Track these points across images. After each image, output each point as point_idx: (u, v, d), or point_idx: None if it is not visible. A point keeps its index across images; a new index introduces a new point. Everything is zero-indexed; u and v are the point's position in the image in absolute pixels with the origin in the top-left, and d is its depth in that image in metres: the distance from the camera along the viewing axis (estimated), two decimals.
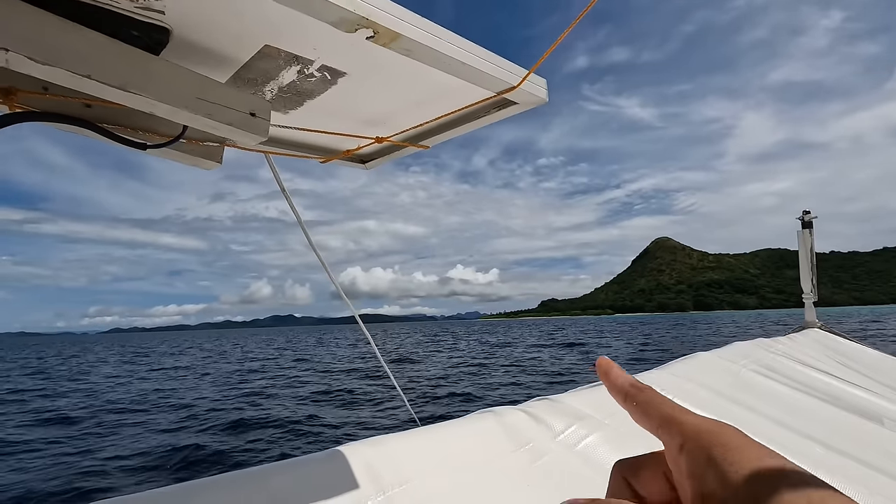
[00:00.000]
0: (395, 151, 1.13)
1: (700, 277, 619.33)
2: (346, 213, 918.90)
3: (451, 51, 0.71)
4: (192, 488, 0.65)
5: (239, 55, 0.74)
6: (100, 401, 11.92)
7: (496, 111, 0.92)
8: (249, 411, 9.39)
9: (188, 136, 0.81)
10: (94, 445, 7.26)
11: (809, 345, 2.25)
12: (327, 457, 0.77)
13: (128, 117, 0.76)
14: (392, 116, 0.97)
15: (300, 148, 1.13)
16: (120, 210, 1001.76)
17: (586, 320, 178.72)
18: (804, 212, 2.55)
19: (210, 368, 19.60)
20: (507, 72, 0.80)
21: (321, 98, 0.88)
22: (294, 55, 0.74)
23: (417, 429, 0.95)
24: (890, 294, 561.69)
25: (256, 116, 0.74)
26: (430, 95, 0.87)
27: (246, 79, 0.81)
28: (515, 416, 1.10)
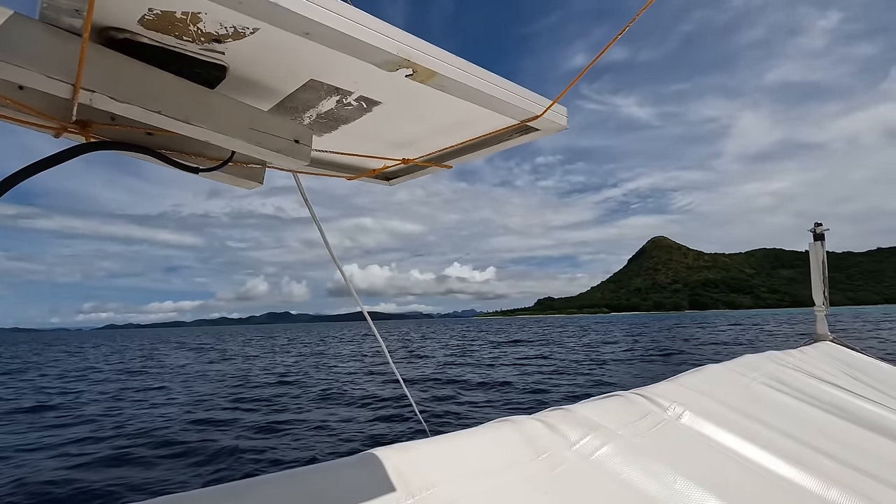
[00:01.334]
0: (418, 171, 1.19)
1: (696, 277, 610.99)
2: (343, 210, 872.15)
3: (481, 85, 0.77)
4: (234, 489, 0.70)
5: (285, 88, 0.80)
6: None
7: (518, 136, 0.97)
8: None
9: (235, 160, 0.88)
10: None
11: (821, 358, 2.26)
12: (358, 461, 0.83)
13: (182, 143, 0.83)
14: (419, 140, 1.03)
15: (329, 167, 1.19)
16: (115, 206, 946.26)
17: (589, 318, 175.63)
18: (816, 224, 2.56)
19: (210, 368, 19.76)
20: (533, 102, 0.86)
21: (355, 124, 0.95)
22: (336, 87, 0.80)
23: (439, 436, 1.00)
24: (883, 294, 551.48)
25: (300, 143, 0.80)
26: (457, 122, 0.93)
27: (288, 107, 0.87)
28: (532, 426, 1.14)
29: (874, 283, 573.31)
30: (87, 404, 10.55)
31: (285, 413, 9.47)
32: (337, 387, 12.57)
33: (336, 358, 22.26)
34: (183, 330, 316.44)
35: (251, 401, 11.10)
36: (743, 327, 37.31)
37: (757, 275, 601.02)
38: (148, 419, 8.95)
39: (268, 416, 9.47)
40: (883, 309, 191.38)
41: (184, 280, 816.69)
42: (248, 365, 19.19)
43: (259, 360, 21.76)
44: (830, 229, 2.64)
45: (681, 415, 1.37)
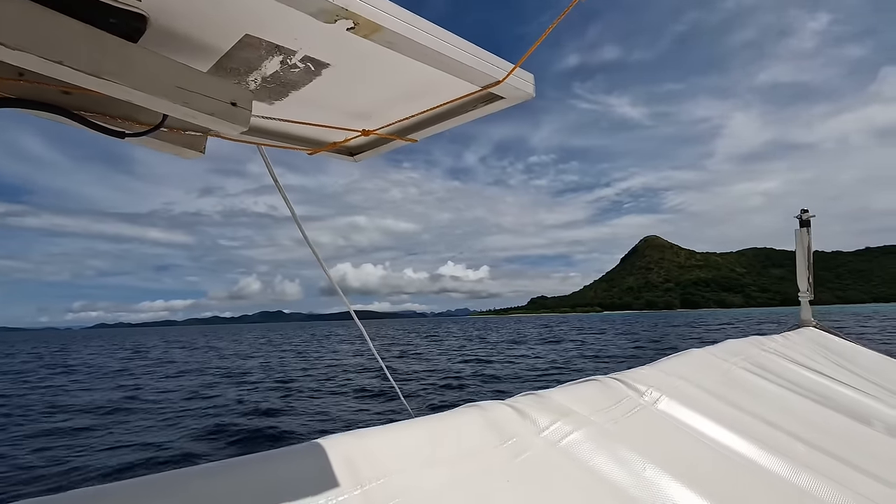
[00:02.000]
0: (382, 144, 1.12)
1: (687, 276, 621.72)
2: (337, 208, 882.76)
3: (434, 44, 0.70)
4: (165, 480, 0.65)
5: (220, 44, 0.73)
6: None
7: (483, 105, 0.91)
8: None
9: (169, 126, 0.81)
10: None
11: (804, 343, 2.25)
12: (306, 449, 0.77)
13: (107, 105, 0.75)
14: (378, 109, 0.96)
15: (287, 139, 1.12)
16: (105, 204, 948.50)
17: (584, 317, 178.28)
18: (802, 210, 2.54)
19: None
20: (493, 66, 0.79)
21: (306, 89, 0.87)
22: (276, 45, 0.73)
23: (400, 422, 0.95)
24: (871, 293, 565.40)
25: (237, 106, 0.73)
26: (415, 89, 0.86)
27: (228, 68, 0.80)
28: (501, 411, 1.10)
29: (862, 283, 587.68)
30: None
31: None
32: (325, 379, 12.56)
33: (326, 353, 22.32)
34: (176, 329, 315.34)
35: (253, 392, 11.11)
36: (735, 326, 37.97)
37: (748, 274, 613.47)
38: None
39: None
40: (872, 308, 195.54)
41: (175, 279, 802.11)
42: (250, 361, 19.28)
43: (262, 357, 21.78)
44: (819, 229, 2.63)
45: (657, 400, 1.34)
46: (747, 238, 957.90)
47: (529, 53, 0.79)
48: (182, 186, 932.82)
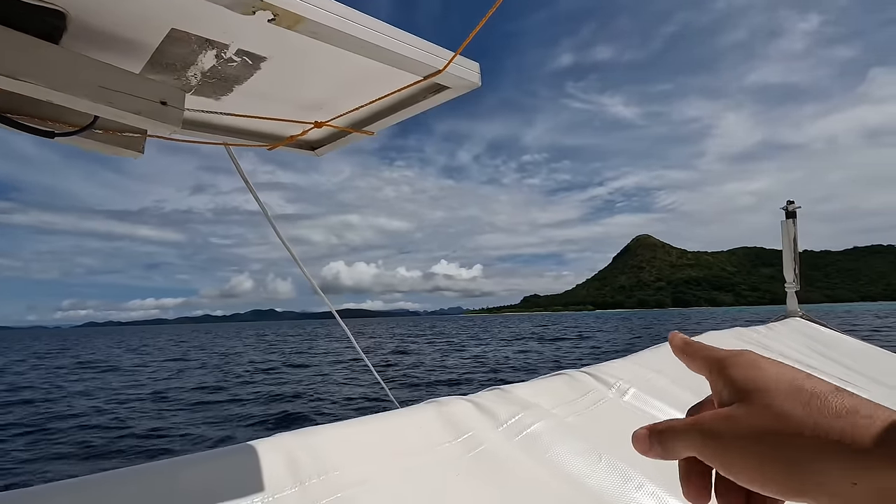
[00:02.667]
0: (340, 138, 1.11)
1: (679, 275, 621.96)
2: (329, 206, 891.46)
3: (363, 34, 0.69)
4: (91, 482, 0.65)
5: (148, 40, 0.71)
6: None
7: (431, 95, 0.89)
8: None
9: (104, 126, 0.80)
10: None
11: (788, 334, 2.23)
12: (246, 448, 0.77)
13: (36, 106, 0.74)
14: (328, 101, 0.94)
15: (245, 135, 1.11)
16: (95, 201, 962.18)
17: (577, 316, 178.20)
18: (788, 202, 2.51)
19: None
20: (432, 55, 0.77)
21: (249, 83, 0.86)
22: (206, 39, 0.72)
23: (352, 419, 0.95)
24: (859, 292, 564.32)
25: (168, 105, 0.72)
26: (358, 79, 0.85)
27: (163, 64, 0.78)
28: (460, 406, 1.09)
29: (850, 282, 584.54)
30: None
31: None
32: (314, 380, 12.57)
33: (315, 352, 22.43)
34: (168, 327, 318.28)
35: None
36: (727, 323, 37.87)
37: (738, 273, 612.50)
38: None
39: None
40: (859, 306, 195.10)
41: (166, 277, 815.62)
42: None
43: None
44: (809, 228, 2.61)
45: (625, 392, 1.33)
46: (738, 237, 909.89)
47: (469, 41, 0.76)
48: (173, 184, 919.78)
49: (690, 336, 1.91)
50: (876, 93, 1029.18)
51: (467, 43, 0.76)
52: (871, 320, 28.97)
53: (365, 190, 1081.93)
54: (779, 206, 2.43)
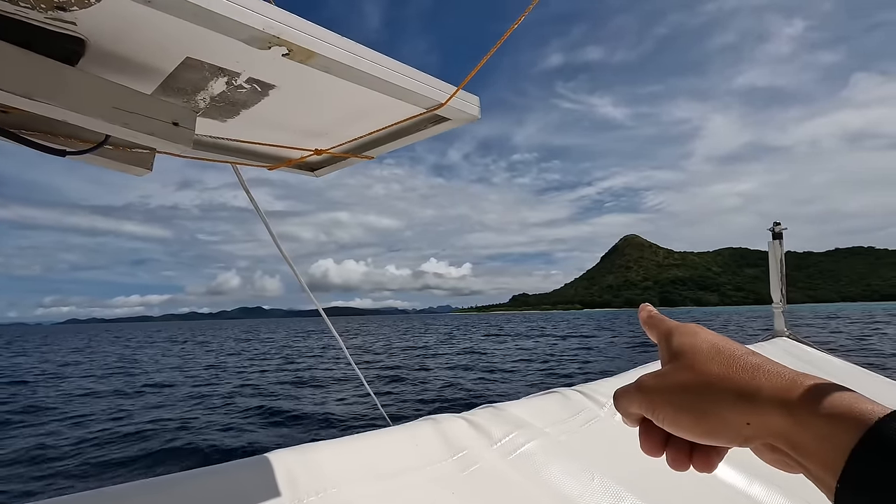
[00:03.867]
0: (340, 161, 1.14)
1: (666, 274, 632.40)
2: (318, 204, 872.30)
3: (371, 69, 0.73)
4: (97, 496, 0.65)
5: (163, 66, 0.74)
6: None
7: (431, 126, 0.93)
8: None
9: (115, 143, 0.81)
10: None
11: (776, 354, 2.30)
12: (246, 464, 0.78)
13: (49, 125, 0.76)
14: (330, 129, 0.98)
15: (248, 155, 1.13)
16: (78, 196, 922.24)
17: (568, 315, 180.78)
18: (775, 223, 2.61)
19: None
20: (435, 89, 0.82)
21: (256, 109, 0.89)
22: (219, 67, 0.75)
23: (350, 436, 0.96)
24: (840, 292, 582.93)
25: (179, 126, 0.74)
26: (363, 110, 0.89)
27: (175, 88, 0.81)
28: (455, 424, 1.11)
29: (832, 282, 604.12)
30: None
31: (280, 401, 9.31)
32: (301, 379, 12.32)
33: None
34: (152, 325, 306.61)
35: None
36: (713, 323, 38.76)
37: (723, 273, 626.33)
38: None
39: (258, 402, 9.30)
40: (839, 307, 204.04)
41: (151, 274, 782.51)
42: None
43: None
44: (792, 230, 2.70)
45: (617, 411, 1.36)
46: (723, 238, 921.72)
47: (470, 77, 0.81)
48: (159, 180, 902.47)
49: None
50: (858, 97, 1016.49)
51: (469, 79, 0.81)
52: (857, 328, 29.78)
53: (354, 187, 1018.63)
54: (764, 208, 2.53)
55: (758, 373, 0.35)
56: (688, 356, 0.39)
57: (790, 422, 0.32)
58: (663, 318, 0.46)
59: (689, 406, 0.37)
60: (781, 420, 0.32)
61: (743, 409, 0.34)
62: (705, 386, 0.36)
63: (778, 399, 0.33)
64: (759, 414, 0.33)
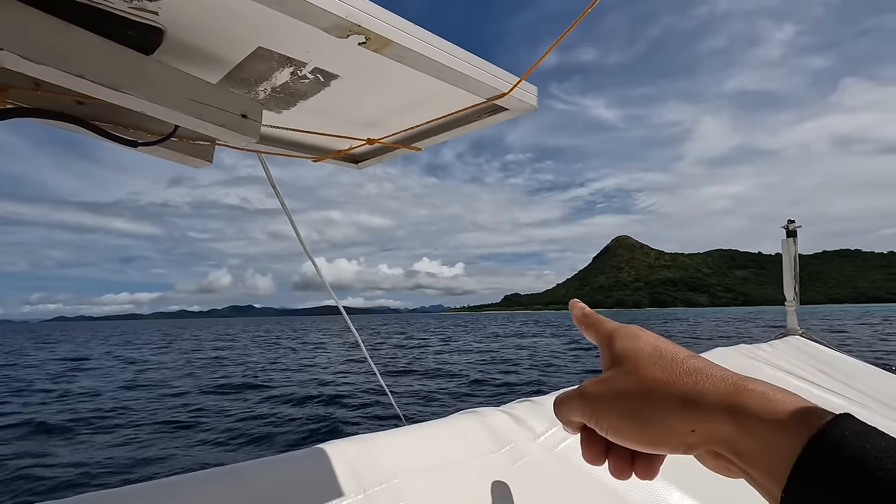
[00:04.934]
0: (387, 152, 1.14)
1: (656, 275, 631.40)
2: (311, 202, 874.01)
3: (442, 58, 0.73)
4: (165, 486, 0.66)
5: (232, 56, 0.74)
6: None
7: (487, 116, 0.93)
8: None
9: (179, 135, 0.82)
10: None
11: (790, 352, 2.29)
12: (308, 454, 0.79)
13: (119, 115, 0.76)
14: (384, 118, 0.98)
15: (293, 147, 1.14)
16: (67, 192, 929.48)
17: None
18: (789, 221, 2.59)
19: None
20: (499, 79, 0.81)
21: (313, 99, 0.89)
22: (287, 57, 0.75)
23: (400, 428, 0.97)
24: (827, 294, 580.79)
25: (248, 118, 0.75)
26: (421, 99, 0.88)
27: (239, 79, 0.81)
28: (497, 418, 1.12)
29: (819, 284, 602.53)
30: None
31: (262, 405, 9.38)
32: (310, 380, 12.41)
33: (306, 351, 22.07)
34: (139, 323, 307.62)
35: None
36: (701, 324, 38.59)
37: (713, 274, 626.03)
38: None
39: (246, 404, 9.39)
40: (825, 308, 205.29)
41: (141, 271, 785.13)
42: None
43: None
44: (780, 232, 2.67)
45: None
46: (713, 240, 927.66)
47: (535, 67, 0.81)
48: (149, 176, 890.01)
49: (701, 353, 1.98)
50: (847, 102, 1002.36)
51: (534, 68, 0.81)
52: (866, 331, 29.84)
53: (347, 186, 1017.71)
54: (754, 210, 2.51)
55: (701, 377, 0.34)
56: (630, 361, 0.37)
57: (734, 428, 0.30)
58: (602, 319, 0.44)
59: (632, 413, 0.35)
60: (726, 427, 0.31)
61: (688, 415, 0.32)
62: (649, 392, 0.35)
63: (722, 404, 0.31)
64: (703, 421, 0.32)
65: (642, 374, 0.36)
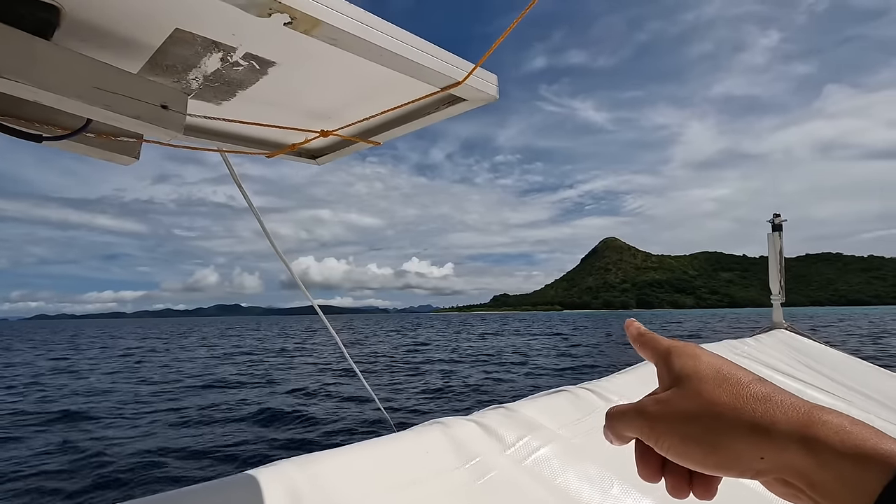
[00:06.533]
0: (345, 147, 1.06)
1: (643, 277, 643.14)
2: (299, 201, 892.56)
3: (384, 41, 0.65)
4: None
5: (149, 40, 0.66)
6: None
7: (445, 107, 0.86)
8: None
9: (96, 130, 0.74)
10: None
11: (776, 346, 2.26)
12: (244, 479, 0.72)
13: (22, 108, 0.68)
14: (336, 110, 0.90)
15: (244, 142, 1.06)
16: (49, 188, 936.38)
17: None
18: (774, 215, 2.56)
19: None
20: (452, 66, 0.74)
21: (254, 88, 0.81)
22: (212, 41, 0.67)
23: (353, 444, 0.90)
24: (810, 297, 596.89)
25: (169, 109, 0.67)
26: (371, 88, 0.81)
27: (164, 66, 0.73)
28: (465, 428, 1.05)
29: (802, 287, 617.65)
30: None
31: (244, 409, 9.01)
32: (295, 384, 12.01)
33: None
34: (123, 321, 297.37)
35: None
36: (685, 324, 38.63)
37: (699, 276, 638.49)
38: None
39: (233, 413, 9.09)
40: (809, 310, 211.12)
41: (125, 269, 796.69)
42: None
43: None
44: (764, 236, 2.64)
45: None
46: (699, 242, 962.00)
47: (489, 53, 0.74)
48: (134, 173, 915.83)
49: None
50: (830, 108, 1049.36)
51: (489, 55, 0.73)
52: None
53: (336, 185, 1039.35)
54: (739, 213, 2.48)
55: (770, 404, 0.33)
56: (692, 382, 0.36)
57: (810, 461, 0.30)
58: (657, 337, 0.43)
59: (697, 437, 0.35)
60: (800, 457, 0.31)
61: (757, 442, 0.32)
62: (715, 417, 0.34)
63: (797, 434, 0.31)
64: (774, 449, 0.32)
65: (707, 397, 0.35)
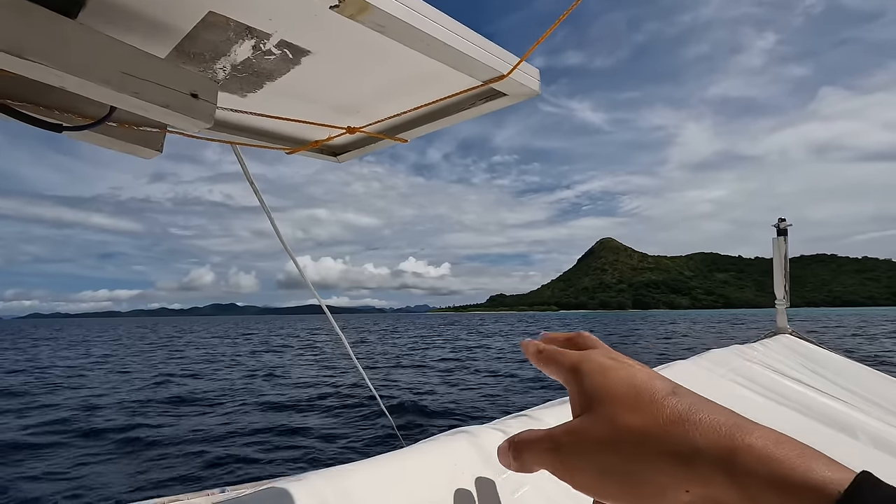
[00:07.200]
0: (369, 144, 1.02)
1: (639, 277, 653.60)
2: (296, 200, 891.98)
3: (433, 30, 0.61)
4: None
5: (179, 23, 0.62)
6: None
7: (483, 103, 0.82)
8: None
9: (119, 119, 0.69)
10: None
11: (782, 351, 2.27)
12: (268, 494, 0.67)
13: (42, 94, 0.63)
14: (366, 104, 0.86)
15: (262, 136, 1.01)
16: (44, 186, 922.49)
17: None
18: (780, 219, 2.57)
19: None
20: (497, 58, 0.70)
21: (283, 80, 0.77)
22: (246, 26, 0.62)
23: (381, 456, 0.86)
24: (805, 298, 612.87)
25: (199, 98, 0.62)
26: (409, 81, 0.77)
27: (191, 53, 0.68)
28: (492, 438, 1.01)
29: (797, 288, 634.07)
30: None
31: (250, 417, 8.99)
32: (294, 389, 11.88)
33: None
34: (119, 320, 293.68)
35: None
36: (678, 325, 39.32)
37: (695, 277, 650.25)
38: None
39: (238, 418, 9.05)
40: (805, 311, 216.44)
41: (120, 268, 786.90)
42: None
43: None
44: (761, 236, 2.66)
45: None
46: (695, 243, 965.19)
47: (536, 46, 0.70)
48: (131, 171, 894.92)
49: (696, 355, 1.88)
50: (825, 110, 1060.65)
51: (536, 47, 0.70)
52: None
53: (333, 184, 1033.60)
54: (735, 215, 2.48)
55: (689, 426, 0.29)
56: (605, 405, 0.32)
57: (737, 494, 0.26)
58: (560, 352, 0.38)
59: (614, 469, 0.30)
60: (724, 490, 0.27)
61: (680, 474, 0.28)
62: (633, 445, 0.30)
63: (721, 462, 0.27)
64: (699, 483, 0.27)
65: (622, 423, 0.31)
